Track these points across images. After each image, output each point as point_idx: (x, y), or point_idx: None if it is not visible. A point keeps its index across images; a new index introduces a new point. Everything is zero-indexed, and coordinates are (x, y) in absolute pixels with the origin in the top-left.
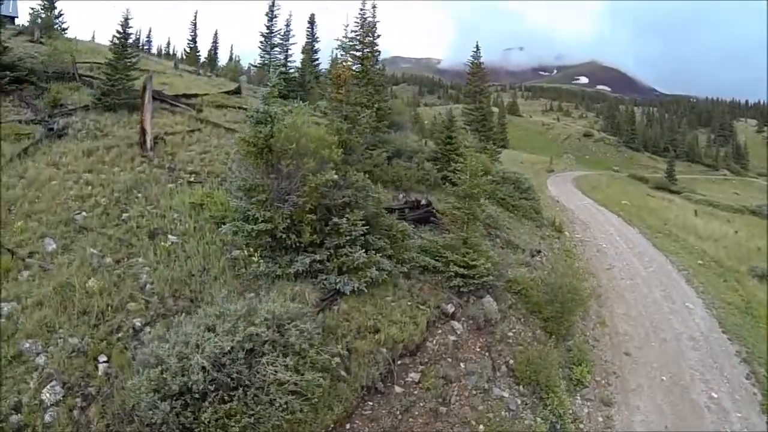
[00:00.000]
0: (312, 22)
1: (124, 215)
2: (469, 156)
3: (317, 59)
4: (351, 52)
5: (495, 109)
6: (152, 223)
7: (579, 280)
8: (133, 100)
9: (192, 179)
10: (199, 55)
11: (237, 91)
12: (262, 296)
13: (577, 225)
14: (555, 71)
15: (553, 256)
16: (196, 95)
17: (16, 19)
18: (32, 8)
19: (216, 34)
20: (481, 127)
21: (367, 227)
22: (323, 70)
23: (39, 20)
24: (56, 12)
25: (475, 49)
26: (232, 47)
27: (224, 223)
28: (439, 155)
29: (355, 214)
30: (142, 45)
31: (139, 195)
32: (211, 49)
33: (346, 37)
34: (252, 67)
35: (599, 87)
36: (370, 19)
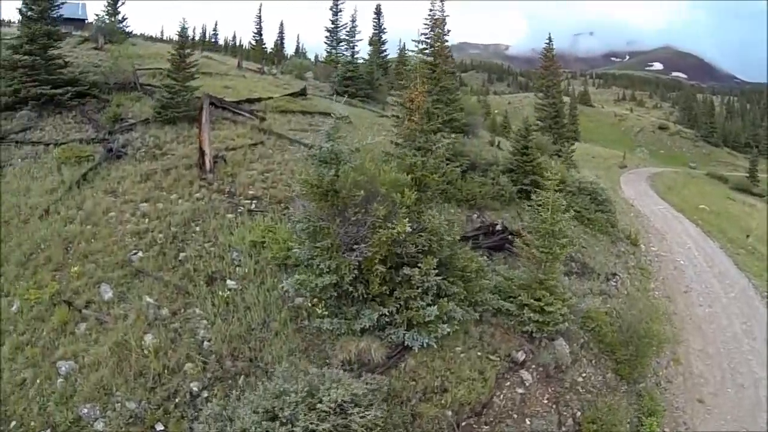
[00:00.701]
0: (378, 12)
1: (182, 255)
2: (551, 189)
3: (385, 51)
4: (421, 55)
5: (566, 99)
6: (210, 266)
7: (656, 319)
8: (193, 112)
9: (253, 206)
10: (265, 48)
11: (302, 93)
12: (326, 371)
13: (653, 235)
14: (627, 57)
15: (629, 278)
16: (259, 99)
17: (86, 21)
18: (96, 14)
19: (282, 25)
20: (554, 124)
21: (441, 272)
22: (390, 61)
23: (103, 24)
24: (120, 17)
25: (547, 41)
26: (298, 37)
27: (286, 265)
28: (514, 166)
29: (428, 261)
30: (209, 38)
31: (198, 229)
32: (277, 41)
33: (415, 40)
34: (318, 62)
35: (674, 74)
36: (439, 14)
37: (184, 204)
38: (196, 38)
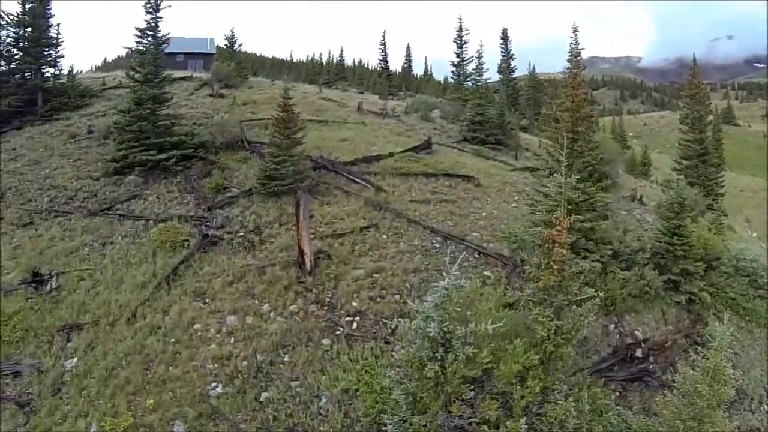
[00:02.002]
0: (505, 38)
1: (263, 396)
2: (719, 347)
3: (514, 80)
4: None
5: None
6: (292, 416)
7: None
8: (298, 184)
9: (354, 327)
10: (392, 74)
11: (427, 146)
12: None
13: None
14: None
15: None
16: (378, 158)
17: (214, 55)
18: (216, 53)
19: (408, 48)
20: (701, 163)
21: None
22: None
23: (221, 58)
24: (236, 60)
25: (693, 63)
26: (426, 60)
27: (378, 424)
28: (661, 249)
29: None
30: (337, 62)
31: (286, 359)
32: (404, 65)
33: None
34: (445, 97)
35: None
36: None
37: (275, 321)
38: (323, 61)
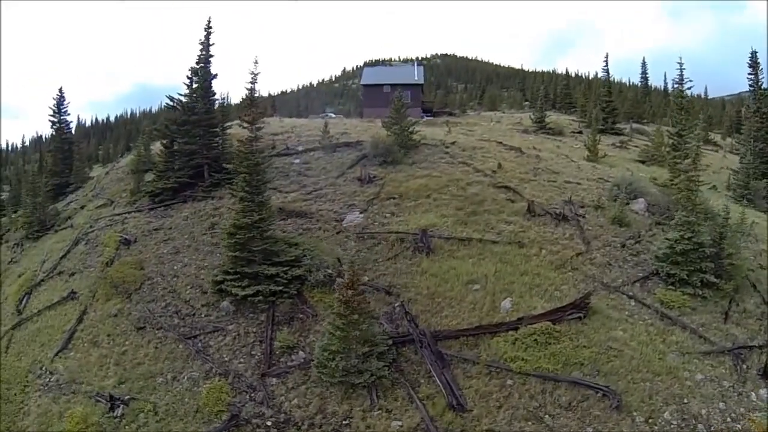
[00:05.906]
0: (755, 63)
1: None
2: None
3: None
4: None
5: None
6: None
7: None
8: (355, 379)
9: None
10: (615, 109)
11: (582, 306)
12: None
13: None
14: None
15: None
16: (496, 328)
17: (422, 86)
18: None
19: (644, 63)
20: None
21: None
22: None
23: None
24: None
25: None
26: (665, 76)
27: None
28: None
29: None
30: (563, 81)
31: None
32: (640, 85)
33: None
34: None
35: None
36: None
37: None
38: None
